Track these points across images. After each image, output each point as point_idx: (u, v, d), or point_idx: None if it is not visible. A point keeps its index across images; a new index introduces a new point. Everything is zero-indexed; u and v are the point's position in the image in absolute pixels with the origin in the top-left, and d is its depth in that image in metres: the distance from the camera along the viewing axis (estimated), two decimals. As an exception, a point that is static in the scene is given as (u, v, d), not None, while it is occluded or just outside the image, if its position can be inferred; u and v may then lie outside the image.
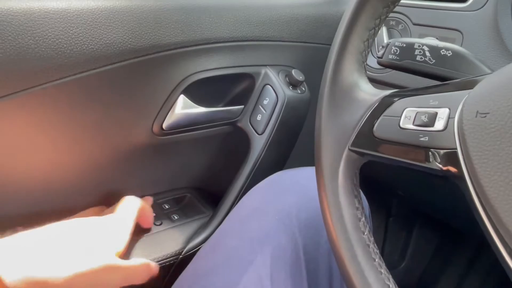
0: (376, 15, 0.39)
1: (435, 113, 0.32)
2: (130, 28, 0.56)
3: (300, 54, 0.76)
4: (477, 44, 0.63)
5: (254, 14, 0.69)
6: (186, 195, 0.76)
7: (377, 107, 0.37)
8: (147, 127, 0.63)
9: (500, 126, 0.27)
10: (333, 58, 0.40)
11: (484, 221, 0.27)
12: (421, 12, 0.70)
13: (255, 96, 0.71)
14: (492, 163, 0.27)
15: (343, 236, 0.35)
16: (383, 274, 0.33)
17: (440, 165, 0.31)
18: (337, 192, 0.37)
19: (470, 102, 0.30)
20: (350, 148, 0.37)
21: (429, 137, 0.32)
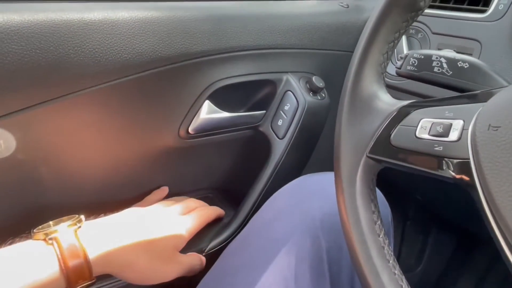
0: (396, 29, 0.41)
1: (450, 124, 0.34)
2: (160, 37, 0.60)
3: (321, 61, 0.78)
4: (495, 54, 0.64)
5: (277, 23, 0.72)
6: (209, 195, 0.79)
7: (394, 117, 0.39)
8: (174, 131, 0.67)
9: (510, 140, 0.29)
10: (354, 69, 0.42)
11: (494, 228, 0.29)
12: (440, 21, 0.72)
13: (277, 102, 0.73)
14: (502, 174, 0.29)
15: (360, 238, 0.37)
16: (397, 275, 0.36)
17: (453, 174, 0.33)
18: (355, 196, 0.39)
19: (483, 115, 0.32)
20: (368, 155, 0.39)
21: (443, 147, 0.34)
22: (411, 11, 0.40)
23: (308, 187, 0.59)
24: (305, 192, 0.58)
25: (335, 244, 0.52)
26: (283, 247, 0.51)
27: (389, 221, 0.58)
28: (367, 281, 0.36)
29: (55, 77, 0.52)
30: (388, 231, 0.57)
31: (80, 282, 0.43)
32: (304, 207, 0.55)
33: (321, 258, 0.51)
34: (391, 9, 0.39)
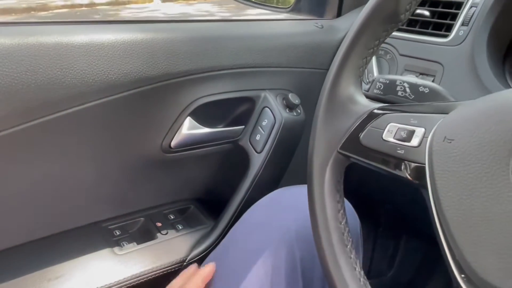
0: (376, 37, 0.44)
1: (413, 131, 0.38)
2: (144, 58, 0.63)
3: (297, 79, 0.83)
4: (456, 76, 0.70)
5: (255, 43, 0.76)
6: (190, 207, 0.82)
7: (365, 119, 0.42)
8: (157, 146, 0.70)
9: (460, 152, 0.33)
10: (334, 71, 0.44)
11: (437, 225, 0.34)
12: (407, 44, 0.77)
13: (255, 118, 0.77)
14: (451, 181, 0.33)
15: (323, 223, 0.41)
16: (352, 259, 0.40)
17: (410, 176, 0.37)
18: (323, 185, 0.43)
19: (441, 127, 0.36)
20: (339, 150, 0.42)
21: (405, 150, 0.38)
22: (391, 22, 0.43)
23: (284, 200, 0.63)
24: (281, 205, 0.62)
25: (309, 254, 0.56)
26: (260, 257, 0.55)
27: (358, 232, 0.62)
28: (326, 262, 0.40)
29: (44, 97, 0.55)
30: (357, 241, 0.61)
31: None
32: (280, 219, 0.59)
33: (295, 267, 0.55)
34: (373, 19, 0.42)
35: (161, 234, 0.73)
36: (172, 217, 0.78)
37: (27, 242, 0.65)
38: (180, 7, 7.49)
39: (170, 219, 0.77)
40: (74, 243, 0.67)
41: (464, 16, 0.71)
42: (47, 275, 0.61)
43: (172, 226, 0.76)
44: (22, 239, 0.65)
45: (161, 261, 0.67)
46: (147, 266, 0.66)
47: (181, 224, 0.76)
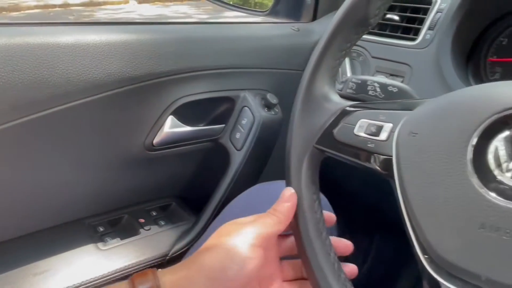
0: (348, 40, 0.47)
1: (381, 126, 0.41)
2: (128, 59, 0.65)
3: (274, 80, 0.86)
4: (422, 76, 0.74)
5: (235, 45, 0.79)
6: (172, 203, 0.85)
7: (339, 116, 0.45)
8: (139, 144, 0.72)
9: (423, 145, 0.36)
10: (309, 71, 0.47)
11: (403, 212, 0.37)
12: (378, 47, 0.82)
13: (235, 117, 0.80)
14: (415, 171, 0.36)
15: (301, 213, 0.44)
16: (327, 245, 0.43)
17: (379, 168, 0.40)
18: (300, 178, 0.45)
19: (407, 122, 0.39)
20: (314, 145, 0.45)
21: (374, 144, 0.40)
22: (361, 26, 0.46)
23: (262, 195, 0.66)
24: (260, 200, 0.64)
25: None
26: None
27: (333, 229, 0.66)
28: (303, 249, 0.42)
29: (30, 96, 0.57)
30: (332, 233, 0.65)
31: None
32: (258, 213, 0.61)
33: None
34: (345, 24, 0.45)
35: (144, 230, 0.75)
36: (154, 214, 0.80)
37: (13, 238, 0.66)
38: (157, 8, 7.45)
39: (152, 216, 0.79)
40: (59, 239, 0.68)
41: (430, 21, 0.76)
42: (33, 270, 0.62)
43: (154, 222, 0.77)
44: (8, 236, 0.66)
45: (144, 256, 0.69)
46: (130, 260, 0.68)
47: (164, 220, 0.78)
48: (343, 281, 0.41)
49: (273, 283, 0.46)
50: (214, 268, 0.39)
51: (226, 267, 0.39)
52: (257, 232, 0.41)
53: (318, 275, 0.41)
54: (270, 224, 0.42)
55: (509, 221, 0.31)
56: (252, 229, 0.41)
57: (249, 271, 0.40)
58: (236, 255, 0.39)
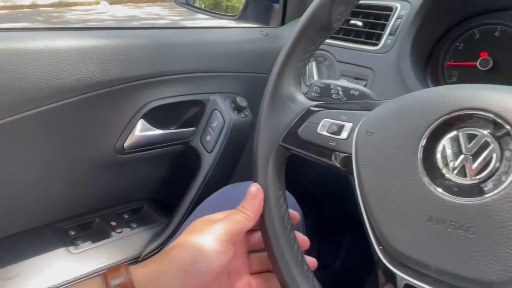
0: (312, 43, 0.49)
1: (343, 125, 0.43)
2: (97, 64, 0.66)
3: (244, 83, 0.88)
4: (384, 80, 0.78)
5: (205, 50, 0.81)
6: (144, 206, 0.85)
7: (303, 115, 0.47)
8: (110, 147, 0.73)
9: (379, 143, 0.39)
10: (276, 73, 0.48)
11: (361, 206, 0.39)
12: (343, 51, 0.85)
13: (205, 120, 0.82)
14: (371, 168, 0.39)
15: (267, 208, 0.45)
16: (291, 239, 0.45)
17: (339, 165, 0.42)
18: (267, 174, 0.47)
19: (365, 122, 0.42)
20: (280, 143, 0.47)
21: (336, 142, 0.43)
22: (325, 30, 0.48)
23: (232, 195, 0.67)
24: (230, 200, 0.66)
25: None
26: None
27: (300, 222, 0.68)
28: (269, 243, 0.44)
29: (-3, 102, 0.57)
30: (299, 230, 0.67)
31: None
32: None
33: None
34: (309, 28, 0.47)
35: (115, 232, 0.76)
36: (126, 217, 0.81)
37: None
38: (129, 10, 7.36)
39: (124, 218, 0.80)
40: (29, 243, 0.68)
41: (391, 26, 0.80)
42: (3, 275, 0.62)
43: (126, 224, 0.78)
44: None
45: (116, 258, 0.70)
46: (102, 263, 0.69)
47: (135, 223, 0.79)
48: (306, 272, 0.43)
49: (241, 275, 0.48)
50: (186, 261, 0.41)
51: (197, 261, 0.41)
52: (227, 228, 0.43)
53: (283, 267, 0.43)
54: (239, 221, 0.44)
55: (454, 214, 0.34)
56: (222, 226, 0.43)
57: (219, 265, 0.42)
58: (207, 249, 0.41)
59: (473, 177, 0.34)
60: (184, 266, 0.40)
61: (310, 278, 0.43)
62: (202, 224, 0.44)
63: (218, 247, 0.42)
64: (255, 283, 0.48)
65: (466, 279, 0.33)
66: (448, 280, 0.34)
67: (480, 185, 0.34)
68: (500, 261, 0.31)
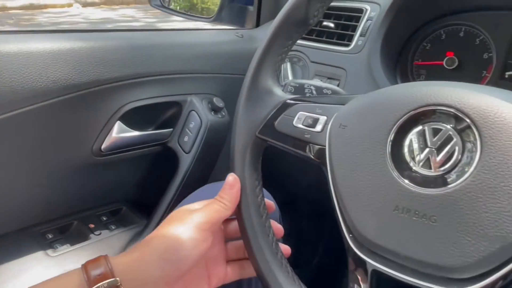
0: (289, 37, 0.50)
1: (317, 118, 0.45)
2: (73, 66, 0.66)
3: (220, 84, 0.89)
4: (356, 79, 0.81)
5: (181, 52, 0.82)
6: (122, 207, 0.86)
7: (280, 108, 0.48)
8: (87, 149, 0.73)
9: (351, 136, 0.41)
10: (254, 66, 0.49)
11: (333, 195, 0.41)
12: (316, 52, 0.87)
13: (182, 120, 0.83)
14: (343, 160, 0.41)
15: (244, 196, 0.47)
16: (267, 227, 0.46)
17: (314, 156, 0.44)
18: (244, 164, 0.48)
19: (338, 116, 0.43)
20: (257, 135, 0.48)
21: (310, 135, 0.44)
22: (302, 25, 0.49)
23: (211, 194, 0.68)
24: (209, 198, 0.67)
25: None
26: None
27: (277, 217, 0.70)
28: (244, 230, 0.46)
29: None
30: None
31: None
32: None
33: None
34: (287, 23, 0.48)
35: (94, 235, 0.76)
36: (105, 219, 0.81)
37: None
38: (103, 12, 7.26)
39: (103, 220, 0.80)
40: (7, 248, 0.67)
41: (362, 28, 0.82)
42: (-21, 280, 0.61)
43: (105, 226, 0.78)
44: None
45: (95, 260, 0.70)
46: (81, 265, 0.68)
47: (114, 225, 0.79)
48: (280, 258, 0.45)
49: (218, 263, 0.49)
50: (166, 250, 0.42)
51: (177, 249, 0.42)
52: (206, 218, 0.44)
53: (257, 254, 0.45)
54: (217, 210, 0.45)
55: (418, 204, 0.36)
56: (201, 215, 0.44)
57: (198, 253, 0.43)
58: (187, 238, 0.42)
59: (437, 169, 0.37)
60: (165, 254, 0.41)
61: (284, 264, 0.44)
62: (181, 214, 0.45)
63: (197, 236, 0.43)
64: (231, 270, 0.50)
65: (428, 265, 0.35)
66: (412, 265, 0.36)
67: (443, 177, 0.36)
68: (459, 247, 0.34)
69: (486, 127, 0.35)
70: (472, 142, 0.35)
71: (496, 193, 0.33)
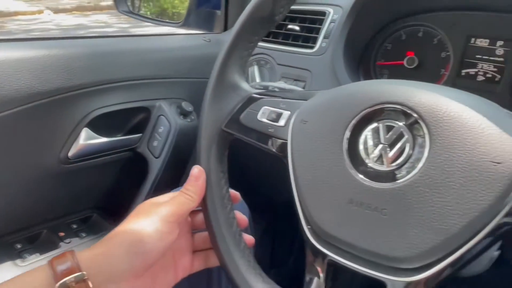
0: (256, 33, 0.51)
1: (281, 113, 0.46)
2: (36, 74, 0.66)
3: (189, 88, 0.90)
4: (321, 80, 0.83)
5: (148, 57, 0.82)
6: (93, 214, 0.85)
7: (246, 102, 0.49)
8: (54, 158, 0.73)
9: (311, 131, 0.43)
10: (221, 60, 0.50)
11: (293, 188, 0.43)
12: (283, 55, 0.89)
13: (151, 125, 0.83)
14: (302, 154, 0.42)
15: (209, 188, 0.48)
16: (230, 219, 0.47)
17: (276, 150, 0.46)
18: (210, 157, 0.49)
19: (300, 111, 0.45)
20: (223, 128, 0.49)
21: (274, 129, 0.46)
22: (268, 22, 0.50)
23: None
24: None
25: None
26: None
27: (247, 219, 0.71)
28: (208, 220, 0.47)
29: None
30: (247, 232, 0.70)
31: None
32: None
33: None
34: (252, 19, 0.49)
35: (64, 243, 0.75)
36: (75, 226, 0.80)
37: None
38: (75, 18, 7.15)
39: (73, 228, 0.80)
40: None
41: (325, 30, 0.84)
42: None
43: (75, 234, 0.78)
44: None
45: (66, 269, 0.70)
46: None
47: (85, 232, 0.79)
48: (243, 249, 0.46)
49: (185, 254, 0.50)
50: (133, 243, 0.42)
51: (144, 242, 0.42)
52: (172, 210, 0.45)
53: (221, 245, 0.46)
54: (183, 202, 0.46)
55: (371, 197, 0.38)
56: (167, 207, 0.45)
57: (165, 245, 0.44)
58: (153, 230, 0.43)
59: (389, 164, 0.39)
60: (131, 247, 0.42)
61: (246, 254, 0.46)
62: (147, 207, 0.46)
63: (164, 228, 0.43)
64: (197, 260, 0.51)
65: (379, 255, 0.37)
66: (365, 256, 0.38)
67: (394, 172, 0.38)
68: (407, 239, 0.36)
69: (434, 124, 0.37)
70: (422, 136, 0.37)
71: (441, 188, 0.35)
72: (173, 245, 0.46)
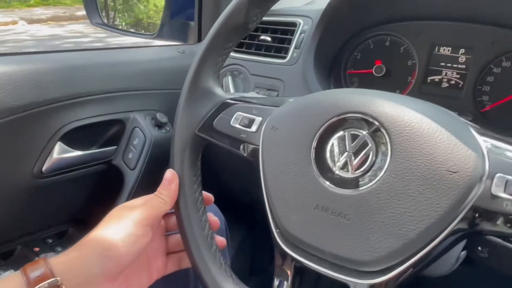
0: (230, 40, 0.52)
1: (253, 119, 0.48)
2: (7, 90, 0.66)
3: (164, 100, 0.91)
4: (293, 90, 0.85)
5: (122, 70, 0.83)
6: (68, 228, 0.85)
7: (219, 107, 0.50)
8: (27, 172, 0.72)
9: (281, 138, 0.44)
10: (195, 66, 0.51)
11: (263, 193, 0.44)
12: (256, 65, 0.91)
13: (126, 138, 0.83)
14: (272, 159, 0.44)
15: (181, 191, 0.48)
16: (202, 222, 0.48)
17: (248, 155, 0.47)
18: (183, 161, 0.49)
19: (271, 118, 0.46)
20: (196, 132, 0.50)
21: (246, 135, 0.47)
22: (242, 29, 0.51)
23: None
24: None
25: None
26: None
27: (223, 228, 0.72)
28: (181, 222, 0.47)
29: None
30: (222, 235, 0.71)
31: None
32: None
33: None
34: (227, 26, 0.50)
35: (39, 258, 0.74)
36: (50, 241, 0.80)
37: None
38: (50, 28, 7.05)
39: (48, 243, 0.79)
40: None
41: (296, 41, 0.87)
42: None
43: (50, 249, 0.77)
44: None
45: (41, 284, 0.69)
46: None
47: (61, 246, 0.79)
48: (214, 251, 0.47)
49: (159, 256, 0.51)
50: (106, 247, 0.42)
51: (118, 245, 0.42)
52: (145, 213, 0.45)
53: (193, 247, 0.47)
54: (157, 206, 0.47)
55: (335, 203, 0.40)
56: (140, 211, 0.45)
57: (139, 248, 0.44)
58: (127, 234, 0.43)
59: (354, 171, 0.40)
60: (105, 251, 0.42)
61: (218, 257, 0.47)
62: (120, 211, 0.47)
63: (138, 231, 0.44)
64: (171, 262, 0.52)
65: (342, 259, 0.39)
66: (330, 259, 0.39)
67: (358, 179, 0.40)
68: (369, 243, 0.37)
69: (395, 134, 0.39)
70: (384, 144, 0.39)
71: (401, 196, 0.37)
72: (147, 247, 0.46)
